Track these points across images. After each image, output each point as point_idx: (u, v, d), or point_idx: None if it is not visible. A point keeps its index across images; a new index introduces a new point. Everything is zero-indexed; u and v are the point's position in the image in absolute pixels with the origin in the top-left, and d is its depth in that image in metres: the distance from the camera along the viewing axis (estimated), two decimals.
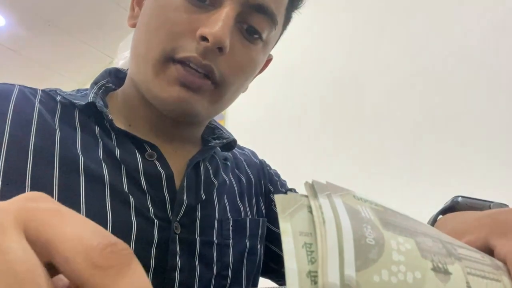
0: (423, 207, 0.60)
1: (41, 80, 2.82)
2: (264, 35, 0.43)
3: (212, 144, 0.50)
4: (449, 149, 0.98)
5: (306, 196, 0.18)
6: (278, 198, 0.17)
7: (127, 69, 0.51)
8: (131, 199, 0.38)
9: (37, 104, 0.40)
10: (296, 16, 0.50)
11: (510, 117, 0.90)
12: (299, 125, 1.41)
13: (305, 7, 0.49)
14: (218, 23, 0.38)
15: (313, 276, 0.14)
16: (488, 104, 0.95)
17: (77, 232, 0.14)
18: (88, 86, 0.47)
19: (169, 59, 0.39)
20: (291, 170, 0.65)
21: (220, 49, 0.39)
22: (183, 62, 0.39)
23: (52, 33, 2.46)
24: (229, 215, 0.47)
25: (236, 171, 0.54)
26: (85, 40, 2.56)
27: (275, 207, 0.28)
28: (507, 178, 0.85)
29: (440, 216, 0.38)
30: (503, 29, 0.96)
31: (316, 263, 0.15)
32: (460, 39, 1.05)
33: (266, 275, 0.54)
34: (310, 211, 0.17)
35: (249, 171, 0.57)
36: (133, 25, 0.46)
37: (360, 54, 1.29)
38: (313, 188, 0.18)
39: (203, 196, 0.45)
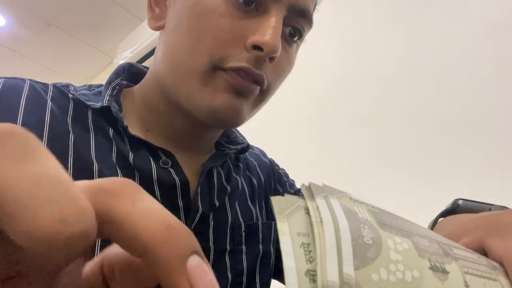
0: (422, 208, 0.61)
1: (41, 80, 2.81)
2: (302, 38, 0.43)
3: (227, 151, 0.49)
4: (449, 151, 0.99)
5: (303, 198, 0.18)
6: (274, 200, 0.17)
7: (145, 67, 0.50)
8: None
9: (49, 102, 0.38)
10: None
11: (510, 118, 0.90)
12: (298, 125, 1.41)
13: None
14: (270, 31, 0.36)
15: (311, 275, 0.14)
16: (488, 105, 0.95)
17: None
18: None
19: (217, 68, 0.38)
20: (290, 170, 0.65)
21: (272, 58, 0.38)
22: (234, 70, 0.37)
23: (52, 33, 2.46)
24: (241, 220, 0.47)
25: (247, 172, 0.54)
26: (85, 40, 2.56)
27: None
28: (507, 179, 0.85)
29: (441, 219, 0.38)
30: (504, 27, 0.97)
31: (314, 262, 0.15)
32: (462, 38, 1.05)
33: (275, 276, 0.54)
34: (307, 213, 0.17)
35: (260, 172, 0.56)
36: (157, 28, 0.44)
37: (360, 54, 1.30)
38: (310, 190, 0.19)
39: (217, 203, 0.44)
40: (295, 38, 0.42)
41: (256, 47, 0.37)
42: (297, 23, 0.41)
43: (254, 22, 0.37)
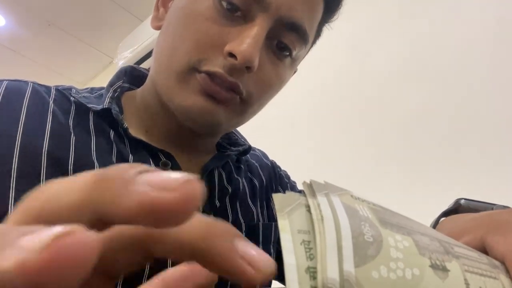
0: (422, 208, 0.60)
1: (41, 80, 2.79)
2: (294, 53, 0.42)
3: (228, 152, 0.49)
4: (449, 150, 0.99)
5: (304, 196, 0.18)
6: (276, 197, 0.17)
7: (148, 68, 0.50)
8: None
9: (51, 104, 0.39)
10: (327, 30, 0.48)
11: (510, 117, 0.90)
12: (298, 126, 1.41)
13: None
14: (248, 41, 0.36)
15: (312, 272, 0.14)
16: (489, 104, 0.95)
17: None
18: (88, 86, 0.47)
19: (193, 69, 0.38)
20: (291, 171, 0.65)
21: (248, 68, 0.37)
22: (208, 74, 0.38)
23: (52, 33, 2.46)
24: (242, 220, 0.47)
25: (249, 174, 0.54)
26: (85, 40, 2.57)
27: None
28: (508, 179, 0.85)
29: (443, 219, 0.38)
30: (504, 26, 0.97)
31: (314, 259, 0.15)
32: (461, 38, 1.05)
33: (275, 277, 0.54)
34: (308, 210, 0.17)
35: (261, 173, 0.56)
36: (157, 27, 0.44)
37: (361, 54, 1.30)
38: (311, 187, 0.19)
39: (218, 204, 0.44)
40: (285, 53, 0.41)
41: (232, 54, 0.36)
42: (285, 37, 0.40)
43: (236, 30, 0.37)
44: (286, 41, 0.40)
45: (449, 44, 1.07)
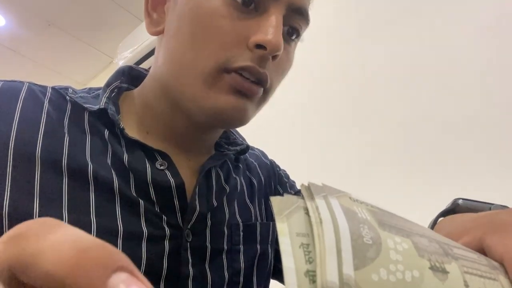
0: (422, 208, 0.60)
1: (41, 80, 2.79)
2: (300, 37, 0.44)
3: (226, 152, 0.50)
4: (448, 150, 0.98)
5: (302, 198, 0.18)
6: (274, 200, 0.17)
7: (148, 67, 0.50)
8: (141, 207, 0.38)
9: (46, 104, 0.39)
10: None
11: (509, 117, 0.90)
12: (297, 126, 1.41)
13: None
14: (271, 30, 0.37)
15: (311, 275, 0.14)
16: (488, 104, 0.95)
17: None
18: (88, 86, 0.46)
19: (222, 70, 0.38)
20: (290, 171, 0.65)
21: (275, 56, 0.38)
22: (237, 71, 0.38)
23: (52, 33, 2.46)
24: (239, 220, 0.47)
25: (247, 173, 0.54)
26: (85, 40, 2.56)
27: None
28: (507, 179, 0.85)
29: (441, 219, 0.38)
30: (504, 26, 0.96)
31: (313, 262, 0.15)
32: (460, 38, 1.05)
33: (274, 276, 0.54)
34: (307, 213, 0.17)
35: (260, 172, 0.56)
36: (157, 33, 0.44)
37: (360, 53, 1.29)
38: (310, 190, 0.19)
39: (215, 203, 0.45)
40: (293, 37, 0.43)
41: (259, 46, 0.37)
42: (295, 21, 0.41)
43: (254, 22, 0.38)
44: (296, 25, 0.42)
45: (447, 44, 1.06)
